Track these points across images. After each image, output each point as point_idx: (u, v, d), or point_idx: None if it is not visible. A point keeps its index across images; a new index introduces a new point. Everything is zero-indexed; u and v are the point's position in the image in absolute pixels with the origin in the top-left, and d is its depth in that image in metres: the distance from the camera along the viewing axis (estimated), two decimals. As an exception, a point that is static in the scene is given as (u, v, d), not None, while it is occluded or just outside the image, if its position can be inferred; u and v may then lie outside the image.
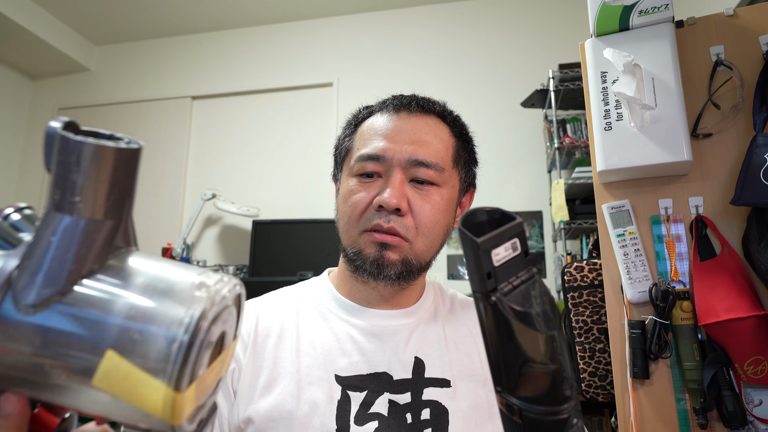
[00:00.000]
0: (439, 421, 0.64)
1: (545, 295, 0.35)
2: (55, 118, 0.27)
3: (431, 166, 0.67)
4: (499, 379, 0.34)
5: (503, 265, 0.33)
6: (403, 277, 0.67)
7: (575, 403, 0.34)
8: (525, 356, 0.32)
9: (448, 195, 0.69)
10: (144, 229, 3.15)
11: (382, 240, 0.65)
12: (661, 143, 0.97)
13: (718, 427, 0.95)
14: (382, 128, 0.69)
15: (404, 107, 0.71)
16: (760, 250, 0.89)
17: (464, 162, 0.74)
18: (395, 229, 0.65)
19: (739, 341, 0.89)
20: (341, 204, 0.70)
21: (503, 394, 0.34)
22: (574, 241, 2.53)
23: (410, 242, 0.66)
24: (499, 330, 0.33)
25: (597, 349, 1.23)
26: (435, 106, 0.73)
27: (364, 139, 0.70)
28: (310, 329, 0.69)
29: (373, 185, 0.67)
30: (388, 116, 0.70)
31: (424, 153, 0.67)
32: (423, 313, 0.73)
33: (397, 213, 0.65)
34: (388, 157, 0.66)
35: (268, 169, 3.12)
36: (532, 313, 0.32)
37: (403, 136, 0.68)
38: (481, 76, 2.99)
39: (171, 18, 3.29)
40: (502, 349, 0.33)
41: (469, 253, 0.33)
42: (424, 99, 0.73)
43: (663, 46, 1.00)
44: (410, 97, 0.72)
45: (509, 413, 0.34)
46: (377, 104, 0.74)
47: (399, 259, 0.66)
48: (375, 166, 0.67)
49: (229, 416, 0.62)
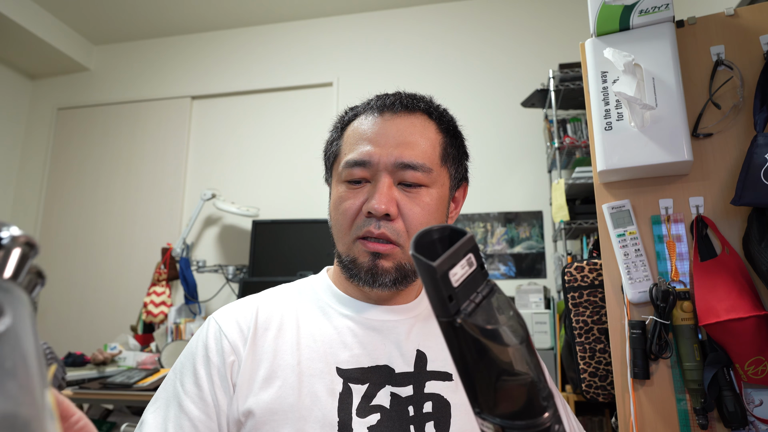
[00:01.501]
0: (441, 414, 0.64)
1: (508, 305, 0.35)
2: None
3: (418, 168, 0.66)
4: (476, 401, 0.33)
5: (462, 284, 0.32)
6: (399, 282, 0.67)
7: (554, 410, 0.33)
8: (498, 372, 0.32)
9: (438, 194, 0.69)
10: (144, 230, 3.15)
11: (374, 249, 0.65)
12: (661, 143, 0.97)
13: (719, 427, 0.95)
14: (367, 132, 0.68)
15: (388, 108, 0.69)
16: (761, 250, 0.89)
17: (453, 158, 0.73)
18: (386, 234, 0.65)
19: (739, 341, 0.89)
20: (333, 211, 0.70)
21: (483, 415, 0.33)
22: (575, 241, 2.53)
23: (402, 246, 0.66)
24: (468, 351, 0.32)
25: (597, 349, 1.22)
26: (420, 103, 0.71)
27: (350, 144, 0.69)
28: (311, 323, 0.69)
29: (362, 191, 0.67)
30: (372, 118, 0.70)
31: (410, 155, 0.66)
32: (422, 310, 0.73)
33: (387, 218, 0.65)
34: (374, 161, 0.66)
35: (268, 169, 3.12)
36: (499, 329, 0.32)
37: (388, 138, 0.67)
38: (481, 75, 2.98)
39: (171, 18, 3.29)
40: (475, 370, 0.32)
41: (426, 279, 0.31)
42: (409, 96, 0.72)
43: (663, 45, 1.00)
44: (394, 97, 0.71)
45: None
46: (362, 105, 0.74)
47: (393, 266, 0.66)
48: (362, 172, 0.67)
49: (228, 410, 0.62)
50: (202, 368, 0.64)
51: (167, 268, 2.87)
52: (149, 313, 2.71)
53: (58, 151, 3.41)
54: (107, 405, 2.25)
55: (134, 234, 3.16)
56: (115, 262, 3.14)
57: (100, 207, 3.25)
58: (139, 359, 2.27)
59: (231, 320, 0.68)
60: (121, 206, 3.22)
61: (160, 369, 2.16)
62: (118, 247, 3.16)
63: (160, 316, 2.70)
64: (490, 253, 2.77)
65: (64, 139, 3.42)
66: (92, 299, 3.11)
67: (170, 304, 2.79)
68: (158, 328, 2.67)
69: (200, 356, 0.65)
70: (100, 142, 3.36)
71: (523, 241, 2.75)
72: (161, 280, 2.84)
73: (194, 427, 0.61)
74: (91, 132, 3.40)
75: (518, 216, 2.78)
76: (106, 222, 3.22)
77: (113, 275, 3.12)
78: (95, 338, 2.98)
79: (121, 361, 2.30)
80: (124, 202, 3.22)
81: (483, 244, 2.79)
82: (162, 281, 2.84)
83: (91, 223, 3.24)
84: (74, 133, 3.42)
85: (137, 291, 3.02)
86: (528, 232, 2.76)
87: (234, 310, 0.70)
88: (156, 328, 2.69)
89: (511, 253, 2.75)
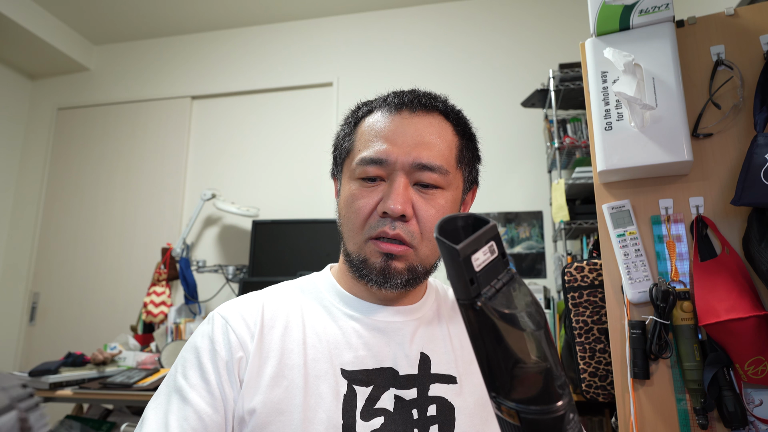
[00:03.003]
0: (445, 417, 0.63)
1: (528, 294, 0.35)
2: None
3: (435, 169, 0.65)
4: (493, 384, 0.34)
5: (484, 269, 0.33)
6: (410, 284, 0.66)
7: (569, 399, 0.34)
8: (515, 358, 0.32)
9: (452, 197, 0.68)
10: (144, 230, 3.15)
11: (388, 251, 0.64)
12: (661, 143, 0.97)
13: (719, 427, 0.95)
14: (384, 129, 0.66)
15: (406, 106, 0.68)
16: (761, 250, 0.89)
17: (468, 161, 0.72)
18: (400, 236, 0.63)
19: (739, 341, 0.89)
20: (344, 209, 0.68)
21: (498, 399, 0.34)
22: (575, 241, 2.53)
23: (415, 248, 0.65)
24: (487, 335, 0.32)
25: (597, 349, 1.22)
26: (437, 102, 0.70)
27: (365, 141, 0.67)
28: (316, 321, 0.68)
29: (376, 190, 0.65)
30: (389, 115, 0.68)
31: (428, 156, 0.65)
32: (426, 312, 0.72)
33: (402, 219, 0.63)
34: (391, 160, 0.64)
35: (268, 169, 3.12)
36: (517, 314, 0.32)
37: (405, 138, 0.65)
38: (481, 75, 2.98)
39: (170, 18, 3.29)
40: (493, 354, 0.33)
41: (449, 261, 0.32)
42: (426, 95, 0.70)
43: (663, 45, 1.00)
44: (412, 94, 0.69)
45: (507, 417, 0.34)
46: (377, 100, 0.72)
47: (405, 267, 0.65)
48: (377, 170, 0.65)
49: (235, 405, 0.61)
50: (209, 361, 0.62)
51: (167, 268, 2.87)
52: (149, 313, 2.71)
53: (58, 151, 3.41)
54: (107, 405, 2.25)
55: (134, 234, 3.16)
56: (115, 262, 3.14)
57: (100, 207, 3.25)
58: (139, 359, 2.27)
59: (237, 316, 0.66)
60: (121, 206, 3.22)
61: (160, 369, 2.16)
62: (118, 247, 3.16)
63: (160, 316, 2.70)
64: (490, 253, 2.77)
65: (64, 139, 3.42)
66: (92, 299, 3.11)
67: (170, 304, 2.78)
68: (158, 328, 2.67)
69: (206, 349, 0.63)
70: (100, 142, 3.36)
71: (523, 241, 2.75)
72: (161, 280, 2.84)
73: (200, 419, 0.58)
74: (91, 132, 3.40)
75: (518, 216, 2.78)
76: (106, 222, 3.22)
77: (113, 275, 3.12)
78: (95, 338, 2.98)
79: (121, 361, 2.30)
80: (124, 202, 3.22)
81: (483, 244, 2.78)
82: (162, 281, 2.84)
83: (91, 223, 3.24)
84: (74, 133, 3.42)
85: (137, 291, 3.02)
86: (528, 232, 2.76)
87: (238, 306, 0.68)
88: (156, 328, 2.69)
89: (511, 253, 2.75)
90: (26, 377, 1.93)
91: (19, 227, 3.35)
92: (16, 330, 3.18)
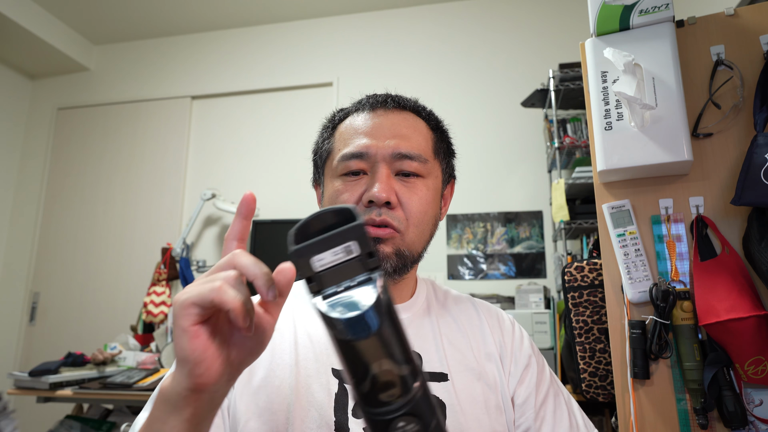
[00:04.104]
0: None
1: (384, 292, 0.32)
2: None
3: (415, 157, 0.68)
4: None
5: (330, 269, 0.33)
6: (398, 271, 0.67)
7: (404, 407, 0.33)
8: (346, 357, 0.33)
9: (433, 185, 0.71)
10: (144, 230, 3.15)
11: (375, 234, 0.65)
12: (661, 143, 0.97)
13: (719, 427, 0.95)
14: (362, 126, 0.70)
15: (380, 105, 0.72)
16: (761, 250, 0.89)
17: (443, 153, 0.76)
18: (387, 221, 0.65)
19: (739, 341, 0.89)
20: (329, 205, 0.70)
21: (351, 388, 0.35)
22: (575, 241, 2.53)
23: (402, 233, 0.66)
24: (328, 332, 0.32)
25: (597, 349, 1.22)
26: (409, 102, 0.75)
27: (345, 140, 0.71)
28: (307, 321, 0.69)
29: (359, 183, 0.68)
30: (365, 114, 0.72)
31: (407, 146, 0.68)
32: (416, 309, 0.73)
33: (387, 206, 0.65)
34: (372, 153, 0.67)
35: (268, 169, 3.12)
36: (334, 318, 0.31)
37: (384, 131, 0.69)
38: (481, 75, 2.98)
39: (170, 17, 3.29)
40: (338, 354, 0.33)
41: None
42: (398, 96, 0.75)
43: (663, 45, 1.00)
44: (385, 95, 0.74)
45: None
46: (352, 105, 0.76)
47: (392, 251, 0.66)
48: (359, 164, 0.68)
49: (228, 404, 0.62)
50: None
51: (167, 267, 2.87)
52: (149, 313, 2.71)
53: (58, 151, 3.41)
54: (107, 405, 2.25)
55: (134, 234, 3.16)
56: (115, 262, 3.14)
57: (100, 207, 3.25)
58: (139, 359, 2.27)
59: None
60: (121, 206, 3.22)
61: (160, 369, 2.16)
62: (118, 247, 3.16)
63: (160, 316, 2.70)
64: (490, 252, 2.77)
65: (64, 139, 3.42)
66: (92, 299, 3.11)
67: (170, 304, 2.78)
68: (158, 328, 2.67)
69: None
70: (100, 142, 3.36)
71: (523, 241, 2.75)
72: (161, 280, 2.84)
73: None
74: (91, 132, 3.40)
75: (518, 216, 2.78)
76: (106, 222, 3.22)
77: (113, 275, 3.12)
78: (95, 338, 2.98)
79: (121, 361, 2.30)
80: (124, 202, 3.22)
81: (483, 243, 2.79)
82: (162, 281, 2.84)
83: (91, 223, 3.24)
84: (74, 133, 3.42)
85: (137, 291, 3.02)
86: (528, 232, 2.76)
87: None
88: (156, 328, 2.69)
89: (511, 253, 2.75)
90: (26, 377, 1.93)
91: (19, 227, 3.35)
92: (16, 330, 3.18)
